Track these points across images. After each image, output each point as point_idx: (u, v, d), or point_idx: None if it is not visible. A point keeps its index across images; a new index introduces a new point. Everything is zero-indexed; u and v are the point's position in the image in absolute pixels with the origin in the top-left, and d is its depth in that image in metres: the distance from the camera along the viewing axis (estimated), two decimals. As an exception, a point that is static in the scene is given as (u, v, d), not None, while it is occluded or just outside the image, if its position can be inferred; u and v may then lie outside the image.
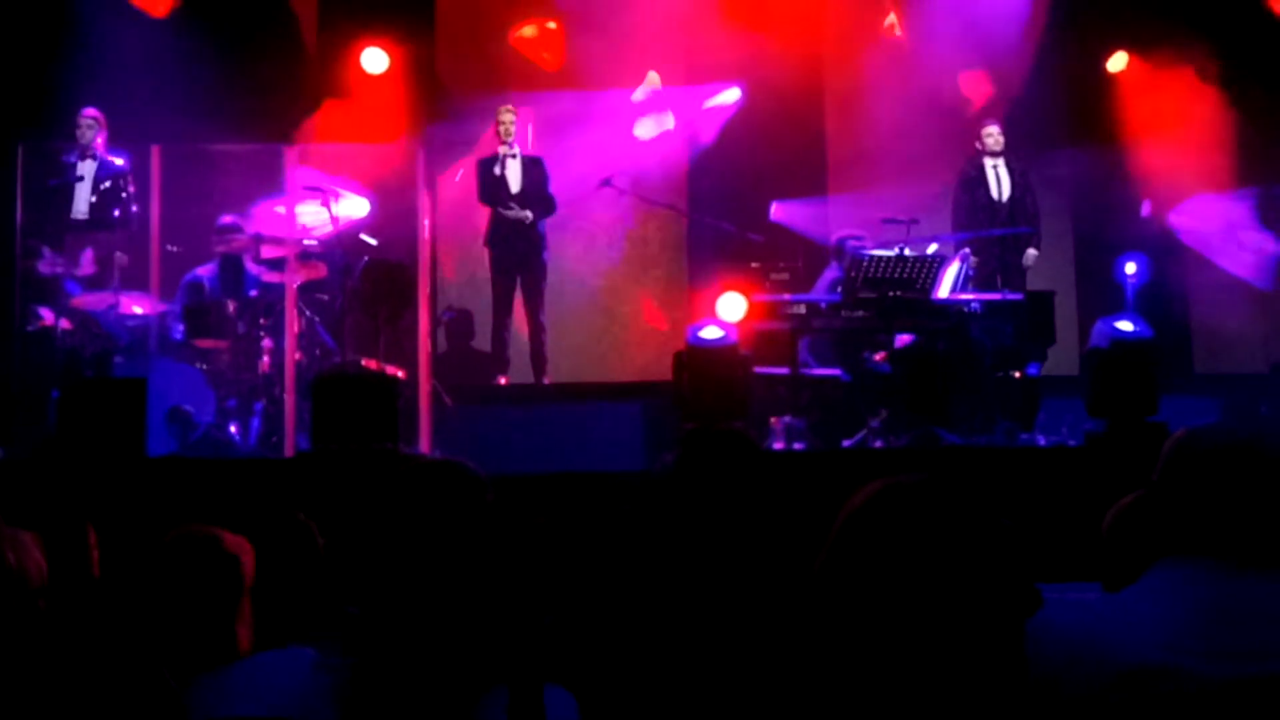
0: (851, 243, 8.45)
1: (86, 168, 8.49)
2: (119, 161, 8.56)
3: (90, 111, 8.54)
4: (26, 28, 9.34)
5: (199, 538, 2.76)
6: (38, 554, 2.86)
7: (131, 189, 8.55)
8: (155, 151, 8.71)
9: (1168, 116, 10.45)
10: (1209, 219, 10.38)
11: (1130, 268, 9.87)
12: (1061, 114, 10.48)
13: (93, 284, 8.26)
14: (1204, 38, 10.36)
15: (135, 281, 8.48)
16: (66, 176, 8.42)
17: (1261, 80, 10.29)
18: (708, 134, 10.55)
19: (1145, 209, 10.33)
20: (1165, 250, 10.24)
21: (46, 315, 8.08)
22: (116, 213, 8.44)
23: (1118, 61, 10.68)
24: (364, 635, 2.39)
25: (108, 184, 8.48)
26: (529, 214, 9.08)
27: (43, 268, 8.11)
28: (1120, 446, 6.10)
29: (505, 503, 2.41)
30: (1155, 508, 2.11)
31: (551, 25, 10.47)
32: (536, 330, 9.17)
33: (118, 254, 8.21)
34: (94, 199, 8.46)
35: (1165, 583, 2.06)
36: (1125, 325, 8.62)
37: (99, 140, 8.52)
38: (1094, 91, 10.64)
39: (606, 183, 9.44)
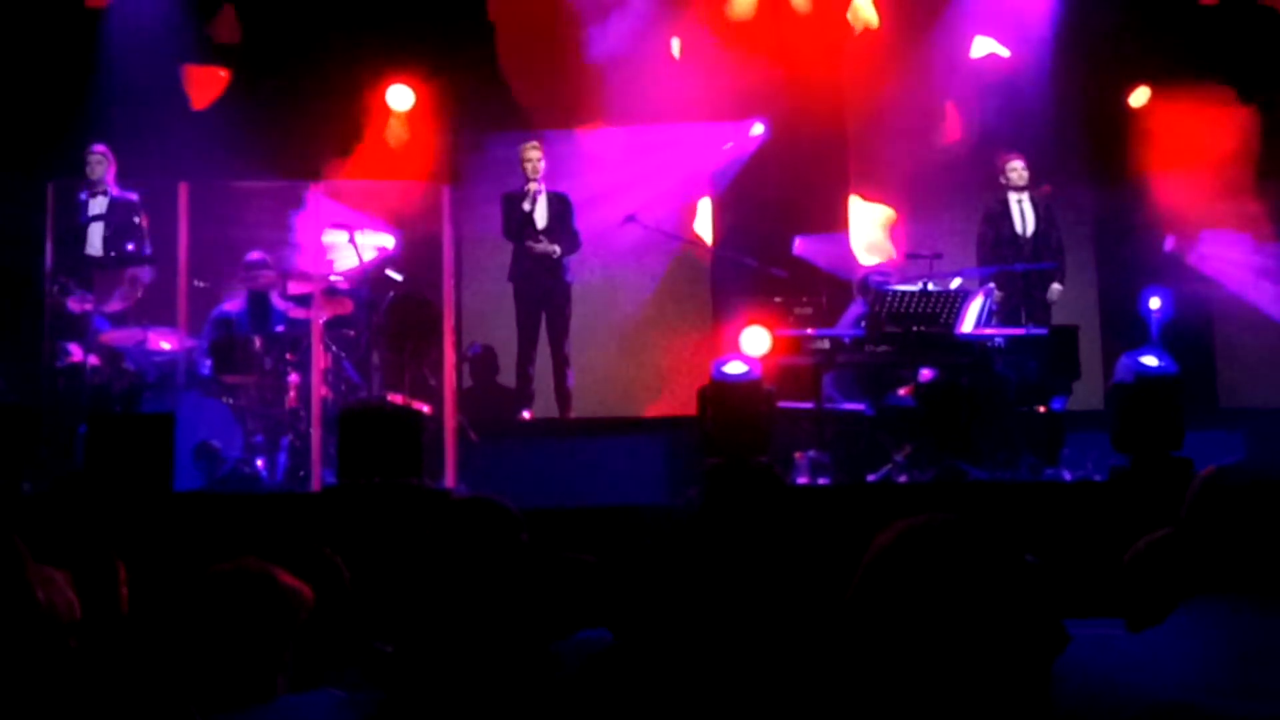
0: (875, 278, 8.46)
1: (98, 204, 8.56)
2: (130, 196, 8.62)
3: (99, 147, 8.62)
4: (57, 69, 9.43)
5: (253, 574, 2.72)
6: (69, 591, 2.87)
7: (144, 222, 8.57)
8: (183, 188, 8.76)
9: (1190, 151, 10.44)
10: (1232, 253, 10.35)
11: (1154, 302, 9.83)
12: (1085, 149, 10.49)
13: (121, 320, 8.31)
14: (1225, 75, 10.37)
15: (163, 317, 8.52)
16: (80, 214, 8.49)
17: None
18: (731, 169, 10.58)
19: (1169, 243, 10.30)
20: (1189, 285, 10.21)
21: (75, 351, 8.13)
22: (130, 246, 8.48)
23: (1140, 96, 10.69)
24: (396, 672, 2.39)
25: (119, 219, 8.54)
26: (556, 248, 9.11)
27: (72, 304, 8.15)
28: (1145, 482, 6.07)
29: (534, 537, 2.42)
30: (1182, 546, 2.11)
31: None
32: (560, 364, 9.18)
33: (134, 279, 8.25)
34: (107, 234, 8.52)
35: (1193, 620, 2.05)
36: (1150, 360, 8.60)
37: (109, 175, 8.59)
38: (1117, 126, 10.64)
39: (630, 219, 9.47)
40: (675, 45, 10.46)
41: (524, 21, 10.51)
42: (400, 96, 10.17)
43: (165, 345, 8.33)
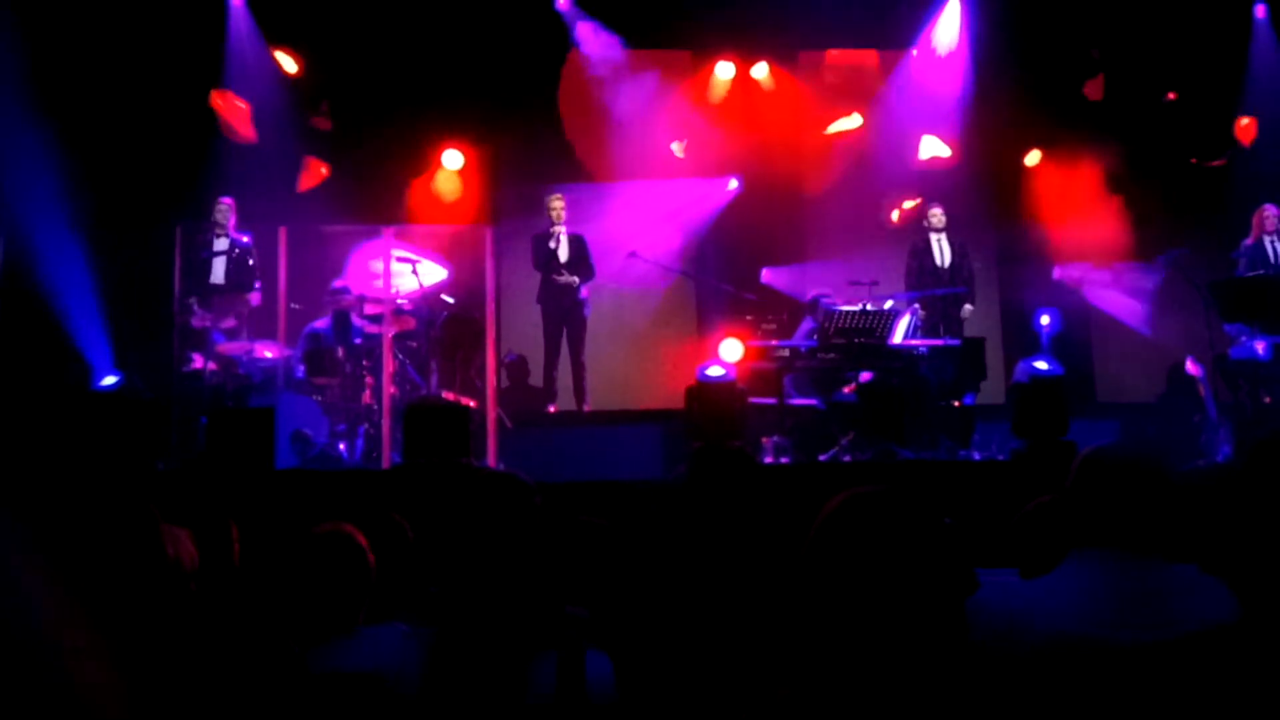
0: (824, 300, 8.45)
1: (222, 244, 8.56)
2: (245, 239, 8.64)
3: (226, 200, 8.64)
4: (182, 133, 9.47)
5: (343, 534, 2.71)
6: (191, 546, 2.86)
7: (255, 259, 8.61)
8: (283, 231, 8.78)
9: (1072, 200, 10.45)
10: (1105, 279, 10.36)
11: (1045, 319, 9.82)
12: (990, 199, 10.50)
13: (233, 335, 8.33)
14: (1100, 141, 10.39)
15: (267, 332, 8.54)
16: (206, 251, 8.52)
17: (1146, 173, 10.30)
18: (713, 215, 10.60)
19: (1056, 273, 10.30)
20: (1072, 305, 10.21)
21: (197, 359, 8.13)
22: (245, 278, 8.51)
23: (1033, 157, 10.71)
24: (442, 609, 2.38)
25: (237, 255, 8.55)
26: (576, 279, 9.11)
27: (194, 322, 8.16)
28: (1039, 461, 6.05)
29: (552, 504, 2.41)
30: (1065, 510, 2.10)
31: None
32: (578, 369, 9.17)
33: (249, 308, 8.31)
34: (228, 268, 8.52)
35: (1079, 568, 2.04)
36: (1041, 364, 8.62)
37: (231, 221, 8.61)
38: (1015, 181, 10.65)
39: (633, 254, 9.48)
40: (678, 148, 10.45)
41: (579, 98, 10.54)
42: (453, 158, 10.22)
43: (268, 354, 8.34)
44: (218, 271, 8.51)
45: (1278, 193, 8.82)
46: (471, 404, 8.00)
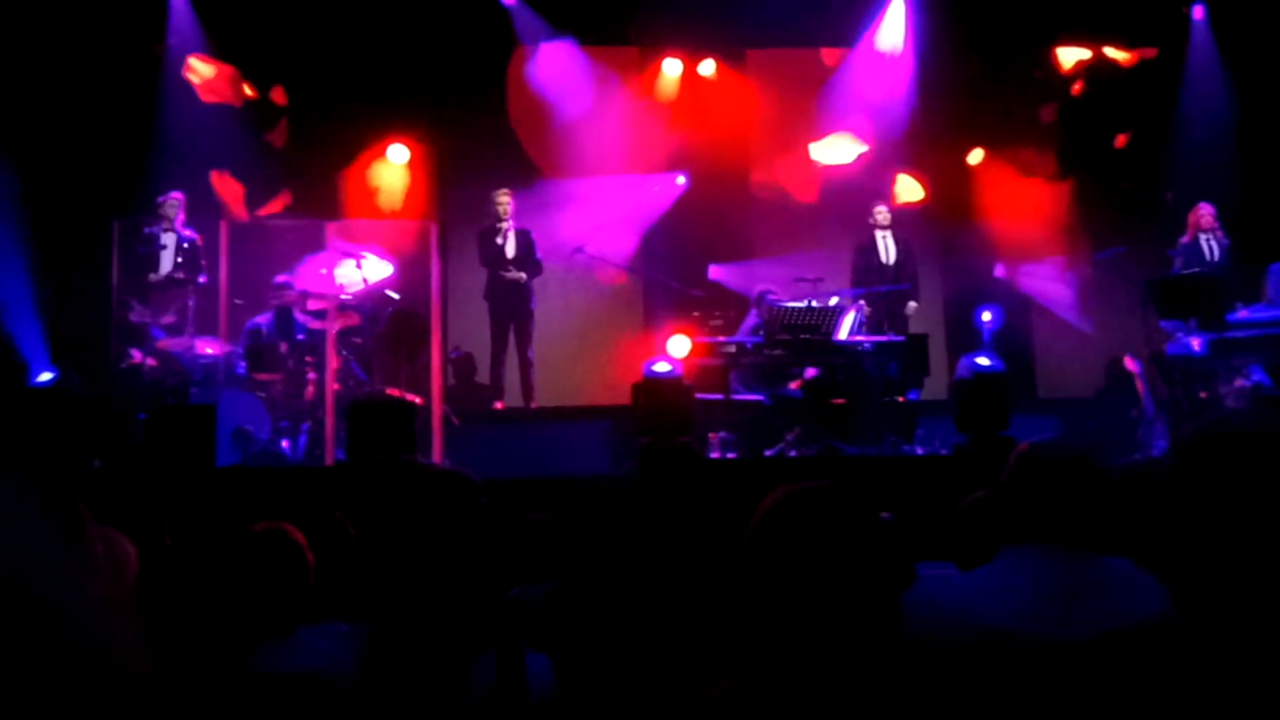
0: (770, 296, 8.48)
1: (169, 238, 8.43)
2: (193, 234, 8.51)
3: (176, 194, 8.52)
4: (119, 126, 9.31)
5: (280, 533, 2.66)
6: (128, 545, 2.80)
7: (203, 256, 8.49)
8: (224, 225, 8.66)
9: (1014, 199, 10.59)
10: (1045, 277, 10.51)
11: (986, 316, 9.94)
12: (935, 196, 10.60)
13: (173, 330, 8.20)
14: (1040, 140, 10.55)
15: (208, 328, 8.42)
16: (152, 245, 8.37)
17: (1083, 172, 10.48)
18: (660, 211, 10.60)
19: (998, 270, 10.43)
20: (1013, 302, 10.34)
21: (136, 355, 8.00)
22: (192, 274, 8.38)
23: (976, 156, 10.82)
24: (384, 608, 2.36)
25: (186, 250, 8.42)
26: (523, 275, 9.06)
27: (133, 317, 8.04)
28: (981, 455, 6.10)
29: (499, 501, 2.39)
30: (1002, 504, 2.12)
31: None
32: (525, 365, 9.14)
33: (190, 305, 8.18)
34: (175, 262, 8.40)
35: (1013, 563, 2.06)
36: (983, 360, 8.70)
37: (180, 217, 8.47)
38: (959, 179, 10.76)
39: (579, 250, 9.45)
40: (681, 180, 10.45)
41: (526, 94, 10.49)
42: (398, 153, 10.12)
43: (209, 350, 8.23)
44: (165, 266, 8.39)
45: (1213, 192, 9.00)
46: (417, 401, 7.94)
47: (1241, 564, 1.80)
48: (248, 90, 9.66)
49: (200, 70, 9.39)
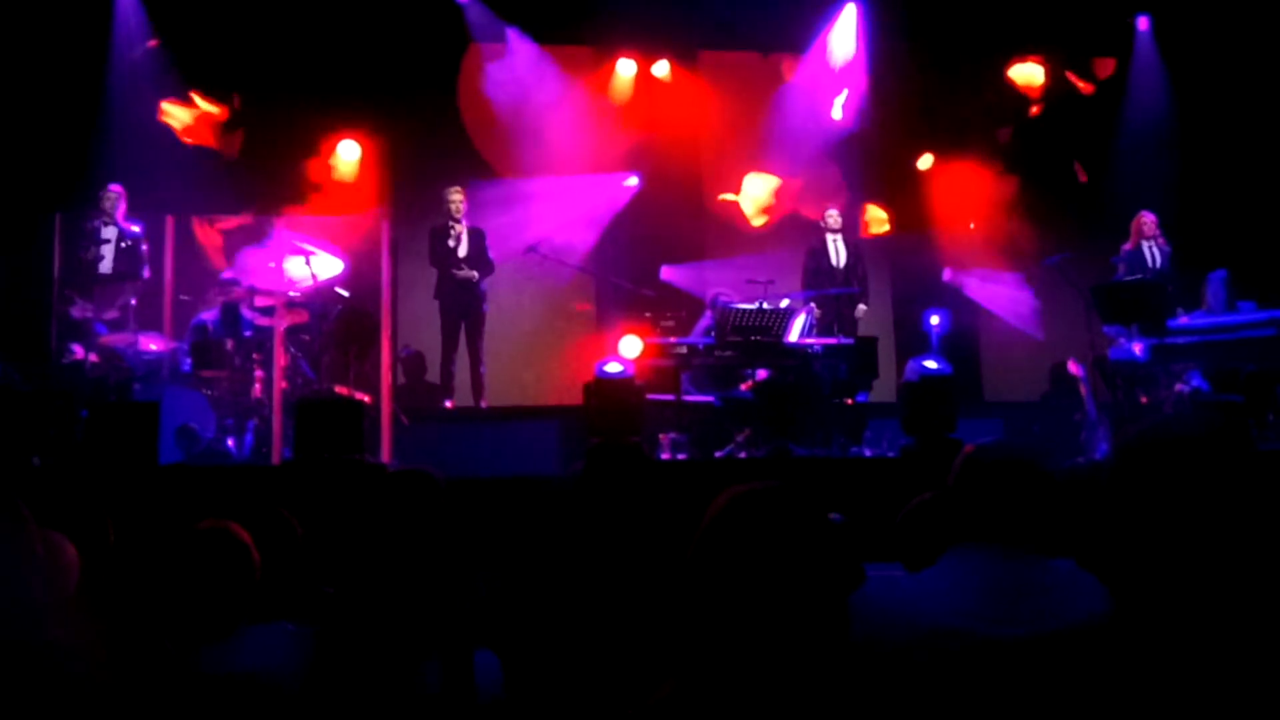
0: (722, 298, 8.51)
1: (109, 232, 8.31)
2: (135, 228, 8.40)
3: (114, 187, 8.40)
4: (63, 120, 9.16)
5: (223, 531, 2.63)
6: (70, 547, 2.75)
7: (145, 249, 8.38)
8: (170, 220, 8.54)
9: (963, 203, 10.72)
10: (992, 282, 10.65)
11: (935, 319, 10.05)
12: (885, 201, 10.70)
13: (117, 326, 8.09)
14: (990, 144, 10.70)
15: (152, 324, 8.32)
16: (93, 239, 8.24)
17: (1029, 177, 10.64)
18: (613, 211, 10.60)
19: (946, 275, 10.55)
20: (961, 306, 10.46)
21: (78, 350, 7.88)
22: (134, 268, 8.27)
23: (925, 161, 10.93)
24: (334, 608, 2.34)
25: (127, 245, 8.31)
26: (475, 274, 9.00)
27: (75, 312, 7.92)
28: (928, 457, 6.16)
29: (452, 501, 2.38)
30: (948, 505, 2.14)
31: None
32: (476, 364, 9.08)
33: (133, 300, 8.07)
34: (116, 257, 8.28)
35: (958, 564, 2.08)
36: (931, 364, 8.76)
37: (120, 210, 8.35)
38: (909, 184, 10.87)
39: (532, 249, 9.42)
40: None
41: (479, 92, 10.45)
42: (349, 149, 10.04)
43: (153, 346, 8.12)
44: (105, 261, 8.26)
45: (1156, 200, 9.16)
46: (366, 399, 7.88)
47: (1179, 566, 1.84)
48: (211, 107, 9.55)
49: (177, 115, 9.23)
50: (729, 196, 10.64)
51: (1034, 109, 10.69)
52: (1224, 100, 10.35)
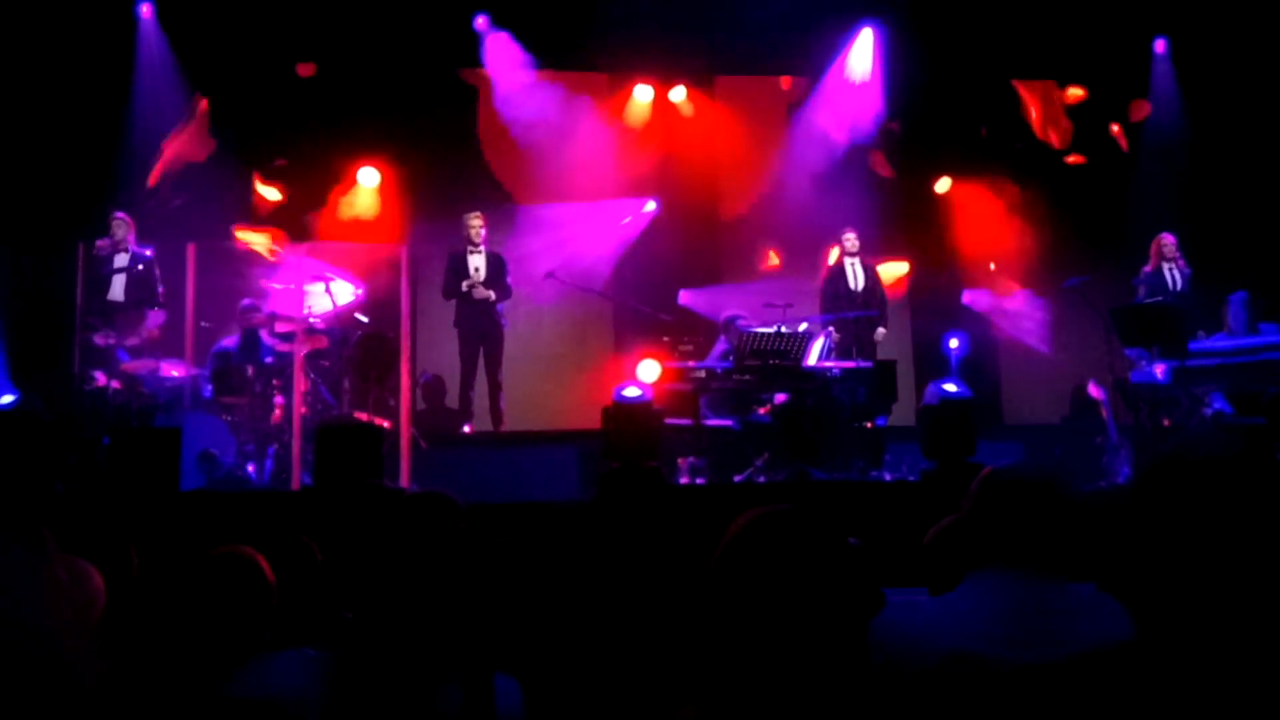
0: (740, 321, 8.51)
1: (120, 259, 8.40)
2: (147, 252, 8.48)
3: (120, 214, 8.50)
4: (85, 149, 9.28)
5: (240, 557, 2.63)
6: (97, 574, 2.76)
7: (158, 273, 8.45)
8: (191, 248, 8.61)
9: (981, 226, 10.71)
10: (1011, 304, 10.62)
11: (954, 343, 10.02)
12: (903, 224, 10.69)
13: (138, 353, 8.14)
14: (1006, 170, 10.70)
15: (173, 350, 8.37)
16: (103, 268, 8.34)
17: (1047, 202, 10.63)
18: (631, 236, 10.64)
19: (965, 298, 10.53)
20: (980, 329, 10.43)
21: (100, 378, 7.92)
22: (146, 294, 8.34)
23: (943, 184, 10.94)
24: (354, 635, 2.34)
25: (139, 270, 8.38)
26: (492, 293, 9.02)
27: (98, 340, 7.97)
28: (948, 481, 6.12)
29: (471, 525, 2.38)
30: (967, 530, 2.13)
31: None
32: (495, 389, 9.10)
33: (156, 327, 8.14)
34: (128, 283, 8.35)
35: (978, 587, 2.07)
36: (950, 387, 8.76)
37: (130, 236, 8.44)
38: (926, 207, 10.87)
39: (550, 275, 9.45)
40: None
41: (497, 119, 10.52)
42: (369, 176, 10.12)
43: (175, 373, 8.17)
44: (117, 288, 8.34)
45: (1175, 222, 9.14)
46: (385, 424, 7.90)
47: (1203, 589, 1.83)
48: (273, 192, 9.64)
49: (255, 240, 9.27)
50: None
51: (1069, 158, 10.65)
52: (1243, 121, 10.32)
